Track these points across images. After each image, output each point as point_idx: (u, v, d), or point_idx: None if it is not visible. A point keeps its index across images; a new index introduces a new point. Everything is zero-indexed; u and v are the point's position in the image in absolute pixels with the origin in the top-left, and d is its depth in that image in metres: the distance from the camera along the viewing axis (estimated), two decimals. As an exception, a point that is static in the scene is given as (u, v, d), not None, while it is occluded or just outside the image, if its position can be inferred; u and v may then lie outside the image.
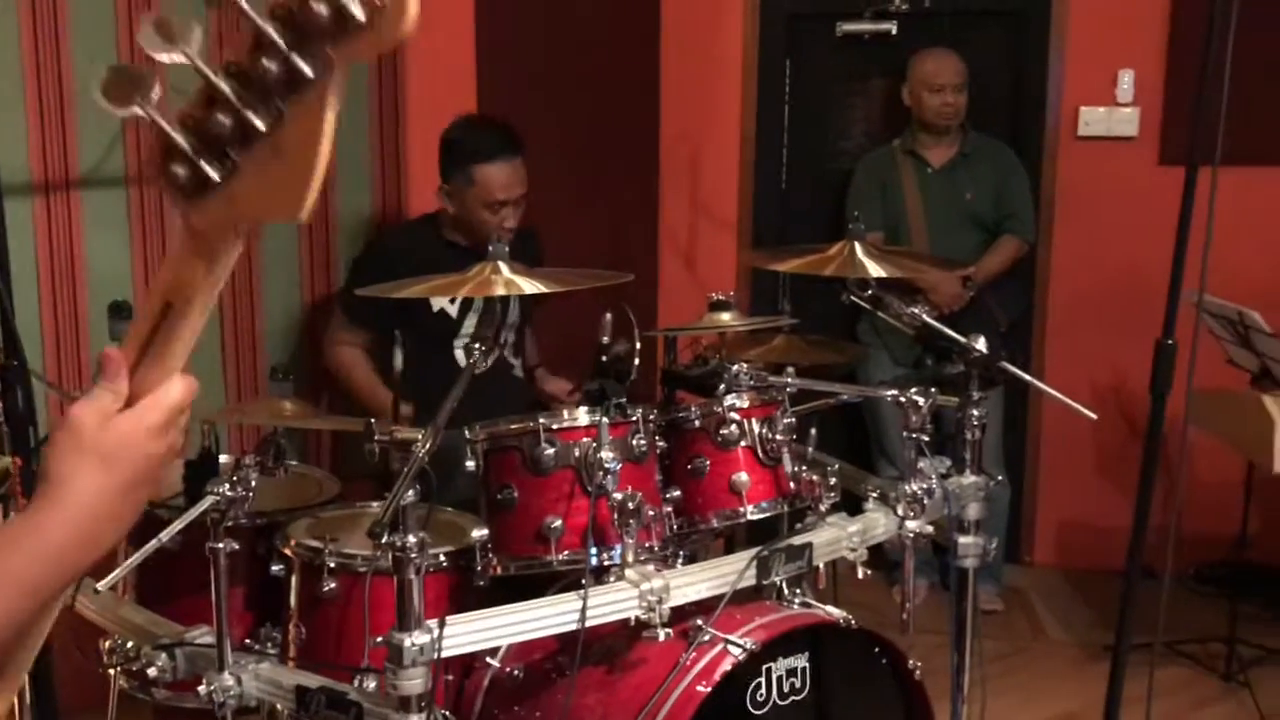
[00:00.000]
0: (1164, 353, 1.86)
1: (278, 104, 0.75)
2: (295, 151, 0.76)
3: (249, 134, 0.76)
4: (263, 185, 0.77)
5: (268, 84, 0.75)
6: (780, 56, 4.27)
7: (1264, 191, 4.03)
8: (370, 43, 0.73)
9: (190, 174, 0.78)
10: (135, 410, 0.87)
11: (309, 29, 0.73)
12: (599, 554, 1.96)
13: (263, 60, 0.74)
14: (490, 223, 2.86)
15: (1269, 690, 3.33)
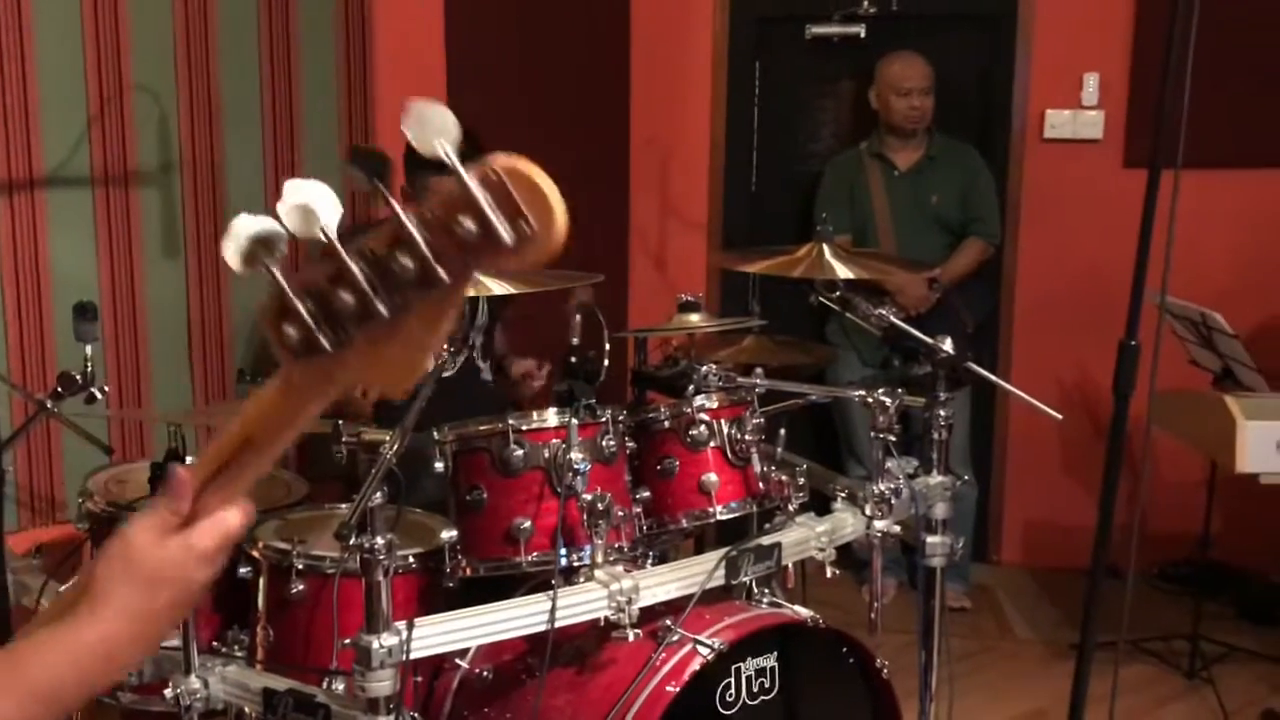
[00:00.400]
0: (1126, 354, 1.88)
1: (406, 297, 0.76)
2: (412, 338, 0.77)
3: (370, 315, 0.77)
4: (372, 360, 0.78)
5: (400, 279, 0.76)
6: (749, 59, 4.28)
7: (1227, 194, 4.09)
8: (513, 262, 0.74)
9: (302, 338, 0.79)
10: (190, 534, 0.86)
11: (454, 240, 0.74)
12: (568, 555, 1.96)
13: (401, 258, 0.75)
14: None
15: (1231, 687, 3.37)
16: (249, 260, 0.80)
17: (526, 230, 0.73)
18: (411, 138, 0.77)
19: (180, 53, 2.96)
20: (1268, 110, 4.05)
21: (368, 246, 0.77)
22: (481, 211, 0.73)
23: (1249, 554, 4.14)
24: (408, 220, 0.75)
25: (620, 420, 2.09)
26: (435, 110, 0.77)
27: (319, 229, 0.78)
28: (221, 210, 3.14)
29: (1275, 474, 2.58)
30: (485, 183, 0.74)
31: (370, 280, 0.76)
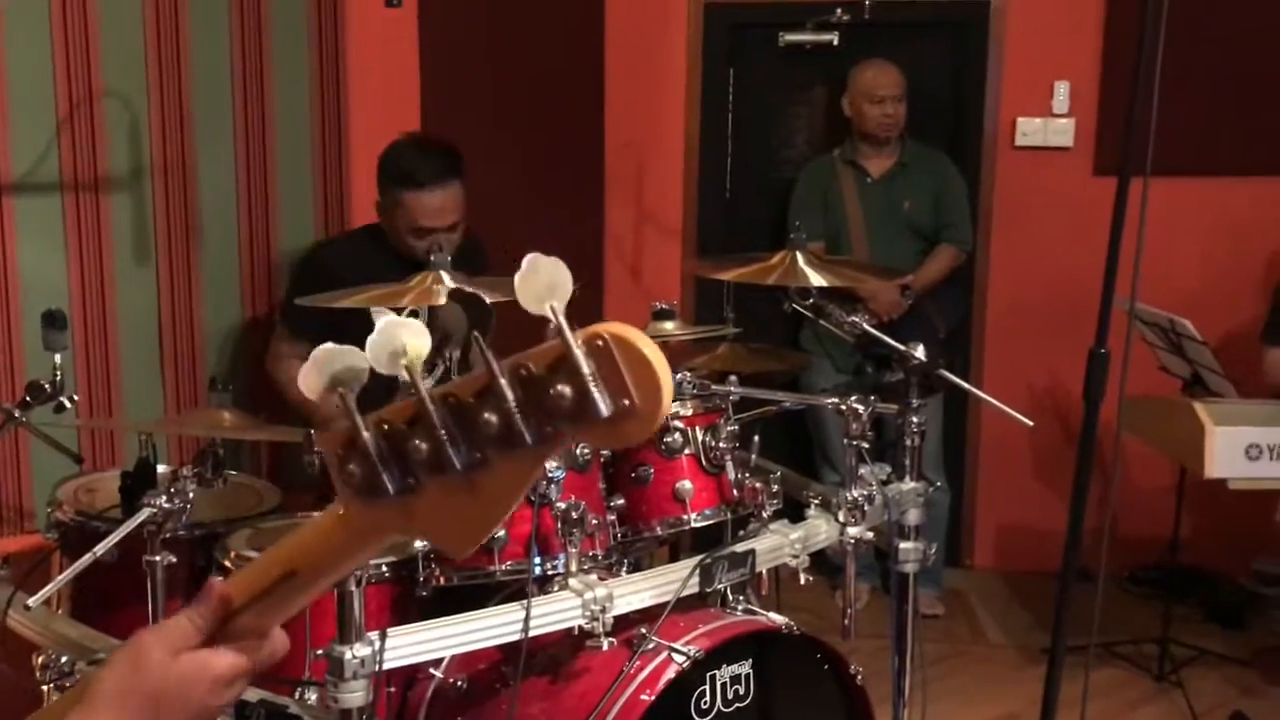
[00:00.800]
0: (1096, 361, 1.90)
1: (485, 453, 0.72)
2: (487, 497, 0.73)
3: (442, 466, 0.72)
4: (440, 512, 0.74)
5: (481, 434, 0.71)
6: (724, 66, 4.30)
7: (1196, 201, 4.13)
8: (608, 437, 0.70)
9: (366, 476, 0.74)
10: (208, 654, 0.79)
11: (547, 403, 0.70)
12: (542, 563, 1.95)
13: (485, 412, 0.71)
14: (416, 248, 2.77)
15: (1200, 689, 3.40)
16: (329, 390, 0.76)
17: (626, 405, 0.69)
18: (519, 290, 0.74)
19: (151, 57, 2.94)
20: (1236, 118, 4.10)
21: (453, 393, 0.72)
22: (582, 380, 0.69)
23: (1217, 558, 4.18)
24: (500, 375, 0.71)
25: (594, 428, 2.08)
26: (549, 264, 0.74)
27: (403, 367, 0.74)
28: (193, 216, 3.11)
29: (1243, 479, 2.61)
30: (591, 349, 0.70)
31: (449, 429, 0.72)
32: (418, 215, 2.79)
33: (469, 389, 0.72)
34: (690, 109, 4.27)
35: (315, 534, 0.80)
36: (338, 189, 3.50)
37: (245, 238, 3.26)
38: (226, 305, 3.26)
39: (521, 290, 0.74)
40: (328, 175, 3.47)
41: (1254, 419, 2.62)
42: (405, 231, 2.82)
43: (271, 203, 3.32)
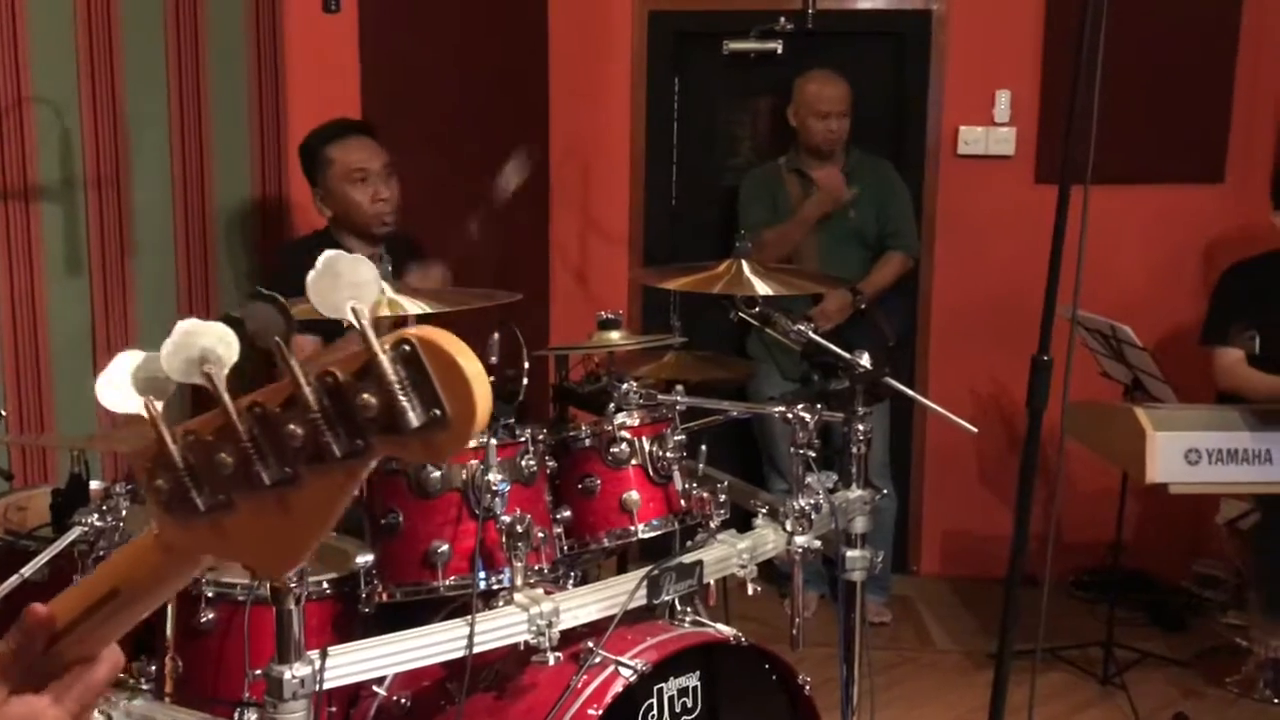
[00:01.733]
0: (1039, 368, 1.91)
1: (295, 468, 0.67)
2: (300, 516, 0.68)
3: (250, 481, 0.68)
4: (254, 532, 0.69)
5: (288, 446, 0.66)
6: (669, 74, 4.29)
7: (1136, 209, 4.19)
8: (421, 450, 0.65)
9: (174, 492, 0.70)
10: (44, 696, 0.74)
11: (352, 413, 0.65)
12: (488, 578, 1.93)
13: (291, 423, 0.66)
14: (363, 202, 2.85)
15: (1143, 692, 3.44)
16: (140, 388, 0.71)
17: (437, 416, 0.64)
18: (311, 292, 0.68)
19: (83, 64, 2.87)
20: (1172, 127, 4.17)
21: (260, 402, 0.67)
22: (389, 388, 0.64)
23: (1160, 561, 4.24)
24: (304, 383, 0.65)
25: (540, 440, 2.06)
26: (349, 263, 0.68)
27: (204, 376, 0.69)
28: (128, 226, 3.04)
29: (1184, 483, 2.64)
30: (399, 355, 0.64)
31: (256, 442, 0.67)
32: (350, 160, 2.86)
33: (276, 398, 0.67)
34: (635, 116, 4.26)
35: (135, 553, 0.76)
36: (277, 198, 3.44)
37: (182, 248, 3.19)
38: (163, 317, 3.19)
39: (315, 292, 0.68)
40: (266, 184, 3.41)
41: (1193, 424, 2.66)
42: (346, 188, 2.87)
43: (209, 212, 3.25)
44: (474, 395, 0.64)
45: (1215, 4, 4.15)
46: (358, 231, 2.91)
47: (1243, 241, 3.71)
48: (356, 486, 0.68)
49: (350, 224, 2.91)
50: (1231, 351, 3.05)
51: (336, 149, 2.89)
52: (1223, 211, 4.15)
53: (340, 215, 2.91)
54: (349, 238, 2.93)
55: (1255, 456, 2.64)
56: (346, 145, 2.89)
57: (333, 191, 2.90)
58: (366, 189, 2.86)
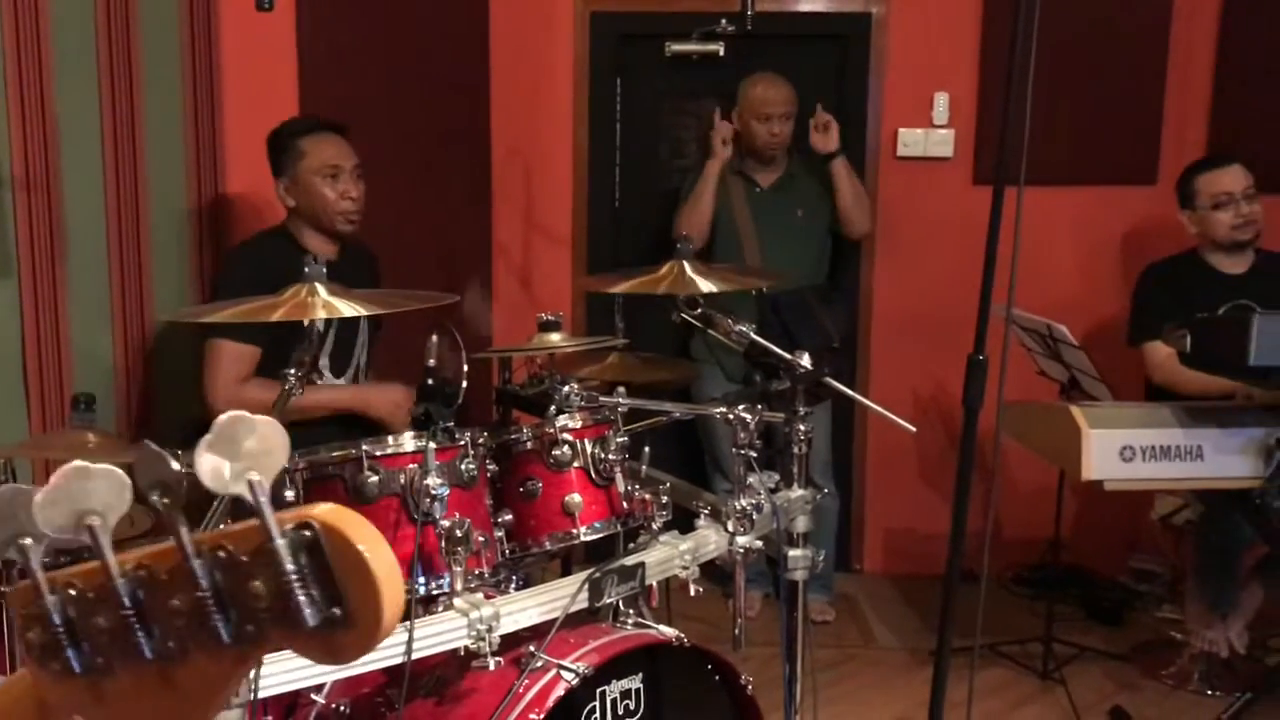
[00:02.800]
0: (974, 368, 1.93)
1: (181, 644, 0.60)
2: (184, 694, 0.61)
3: (129, 651, 0.61)
4: (133, 702, 0.62)
5: (171, 621, 0.60)
6: (611, 75, 4.29)
7: (1071, 210, 4.26)
8: (319, 650, 0.59)
9: (47, 646, 0.63)
10: None
11: (244, 597, 0.59)
12: (427, 583, 1.91)
13: (176, 596, 0.60)
14: (331, 198, 2.83)
15: (1081, 685, 3.50)
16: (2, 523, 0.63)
17: (336, 615, 0.57)
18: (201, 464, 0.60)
19: (10, 61, 2.80)
20: (1107, 129, 4.24)
21: (146, 565, 0.60)
22: (283, 578, 0.57)
23: (1097, 557, 4.31)
24: (192, 555, 0.59)
25: (480, 443, 2.05)
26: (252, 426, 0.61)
27: (86, 531, 0.61)
28: (59, 227, 2.97)
29: (1118, 480, 2.68)
30: (298, 541, 0.58)
31: (139, 609, 0.60)
32: (324, 155, 2.84)
33: (164, 563, 0.60)
34: (578, 118, 4.25)
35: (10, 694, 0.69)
36: (213, 199, 3.39)
37: (115, 249, 3.12)
38: (96, 321, 3.12)
39: (206, 461, 0.60)
40: (202, 186, 3.36)
41: (1127, 422, 2.70)
42: (317, 181, 2.83)
43: (143, 214, 3.19)
44: (381, 595, 0.57)
45: (1147, 8, 4.23)
46: (319, 227, 2.88)
47: (1177, 242, 3.78)
48: (249, 670, 0.62)
49: (313, 219, 2.87)
50: (1163, 347, 3.11)
51: (311, 142, 2.87)
52: (1156, 212, 4.22)
53: (304, 209, 2.88)
54: (308, 233, 2.89)
55: (1187, 453, 2.69)
56: (322, 140, 2.87)
57: (301, 184, 2.86)
58: (336, 186, 2.85)
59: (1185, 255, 3.48)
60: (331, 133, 2.90)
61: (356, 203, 2.87)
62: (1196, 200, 3.38)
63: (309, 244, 2.87)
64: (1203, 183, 3.38)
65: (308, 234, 2.88)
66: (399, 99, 3.69)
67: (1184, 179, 3.45)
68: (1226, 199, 3.32)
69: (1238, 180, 3.33)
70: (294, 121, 2.96)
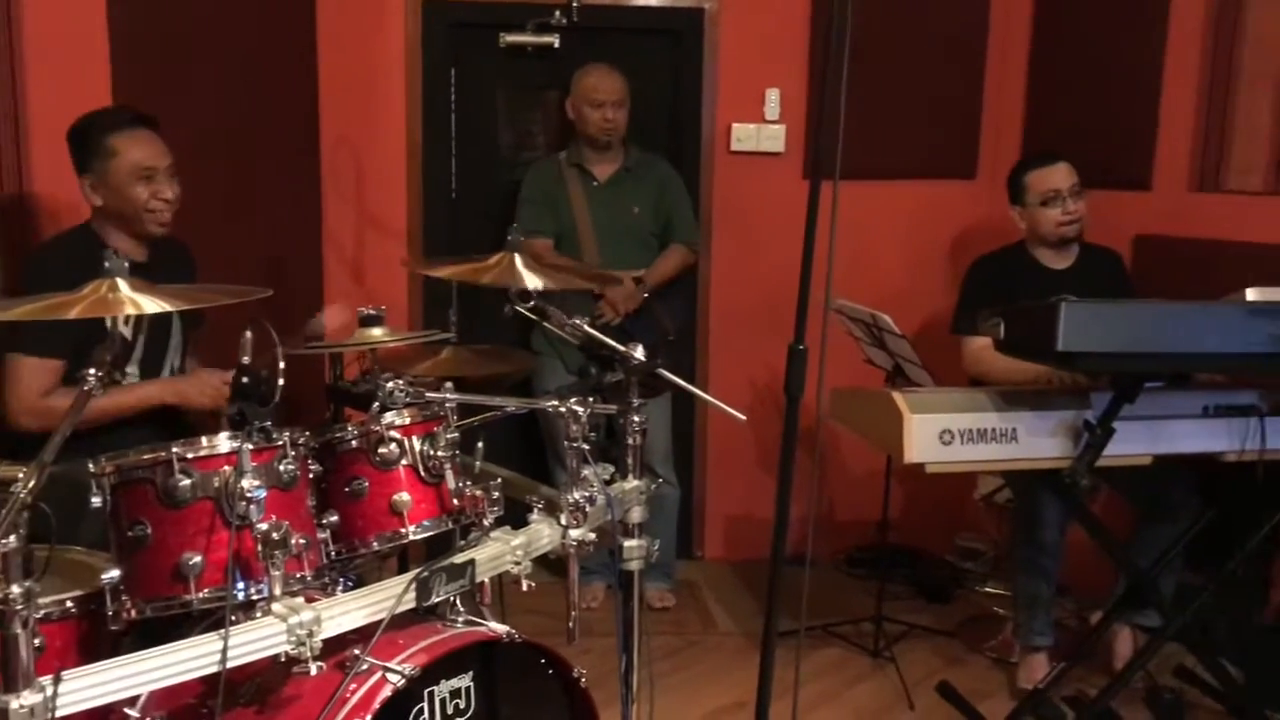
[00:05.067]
0: (795, 357, 1.98)
1: None
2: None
3: None
4: None
5: None
6: (445, 64, 4.23)
7: (896, 203, 4.41)
8: None
9: None
10: None
11: None
12: (246, 589, 1.84)
13: None
14: (142, 198, 2.69)
15: (911, 662, 3.63)
16: None
17: None
18: None
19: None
20: (928, 125, 4.39)
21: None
22: None
23: (925, 537, 4.48)
24: None
25: (301, 442, 1.99)
26: None
27: None
28: None
29: (938, 463, 2.78)
30: None
31: None
32: (137, 154, 2.69)
33: None
34: (411, 107, 4.17)
35: None
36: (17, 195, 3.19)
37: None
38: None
39: None
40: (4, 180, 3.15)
41: (946, 406, 2.80)
42: (128, 180, 2.69)
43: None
44: None
45: (966, 11, 4.40)
46: (128, 229, 2.73)
47: (993, 234, 3.95)
48: None
49: (121, 220, 2.72)
50: (978, 339, 3.23)
51: (122, 140, 2.70)
52: (975, 205, 4.41)
53: (112, 209, 2.72)
54: (116, 234, 2.74)
55: (1002, 435, 2.81)
56: (134, 139, 2.71)
57: (110, 184, 2.70)
58: (149, 187, 2.70)
59: (1012, 249, 3.61)
60: (144, 129, 2.75)
61: (170, 204, 2.73)
62: (1026, 196, 3.51)
63: (115, 245, 2.71)
64: (1032, 180, 3.50)
65: (114, 234, 2.74)
66: (220, 86, 3.55)
67: (1014, 176, 3.57)
68: (1054, 196, 3.45)
69: (1065, 178, 3.47)
70: (101, 115, 2.78)
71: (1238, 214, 3.72)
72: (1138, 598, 3.16)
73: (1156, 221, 3.93)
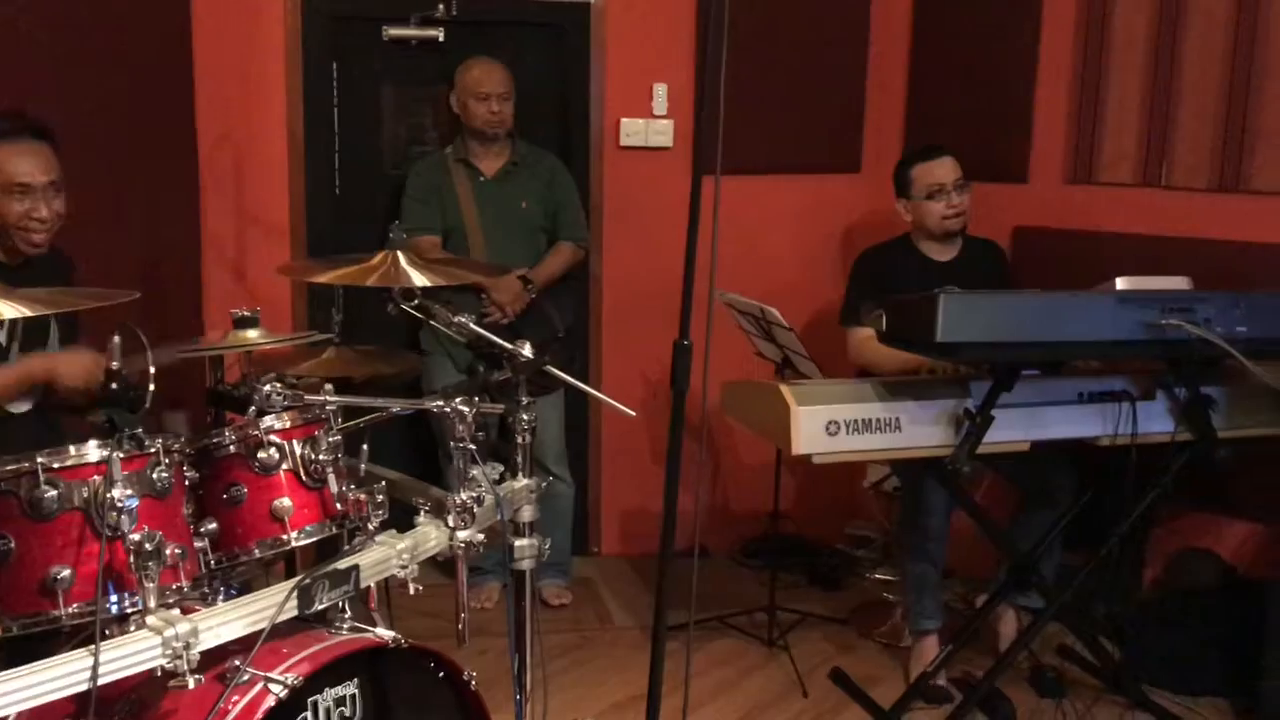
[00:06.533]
0: (680, 352, 1.99)
1: None
2: None
3: None
4: None
5: None
6: (326, 58, 4.14)
7: (783, 198, 4.45)
8: None
9: None
10: None
11: None
12: (119, 602, 1.78)
13: None
14: (13, 215, 2.51)
15: (804, 650, 3.68)
16: None
17: None
18: None
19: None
20: (813, 120, 4.45)
21: None
22: None
23: (816, 526, 4.54)
24: None
25: (175, 449, 1.93)
26: None
27: None
28: None
29: (825, 453, 2.82)
30: None
31: None
32: (10, 170, 2.50)
33: None
34: (292, 102, 4.07)
35: None
36: None
37: None
38: None
39: None
40: None
41: (831, 398, 2.84)
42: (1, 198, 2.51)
43: None
44: None
45: (847, 7, 4.47)
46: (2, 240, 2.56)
47: (878, 227, 4.02)
48: None
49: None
50: (863, 330, 3.29)
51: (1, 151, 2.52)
52: (861, 199, 4.48)
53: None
54: None
55: (887, 425, 2.86)
56: (15, 151, 2.53)
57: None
58: (23, 203, 2.51)
59: (898, 242, 3.67)
60: (29, 140, 2.55)
61: (46, 224, 2.54)
62: (911, 190, 3.57)
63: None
64: (917, 173, 3.56)
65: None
66: (87, 84, 3.41)
67: (899, 169, 3.63)
68: (939, 189, 3.52)
69: (950, 171, 3.54)
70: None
71: (1110, 205, 3.86)
72: (1020, 580, 3.25)
73: (1034, 213, 4.05)
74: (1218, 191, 3.62)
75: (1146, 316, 2.76)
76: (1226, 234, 3.57)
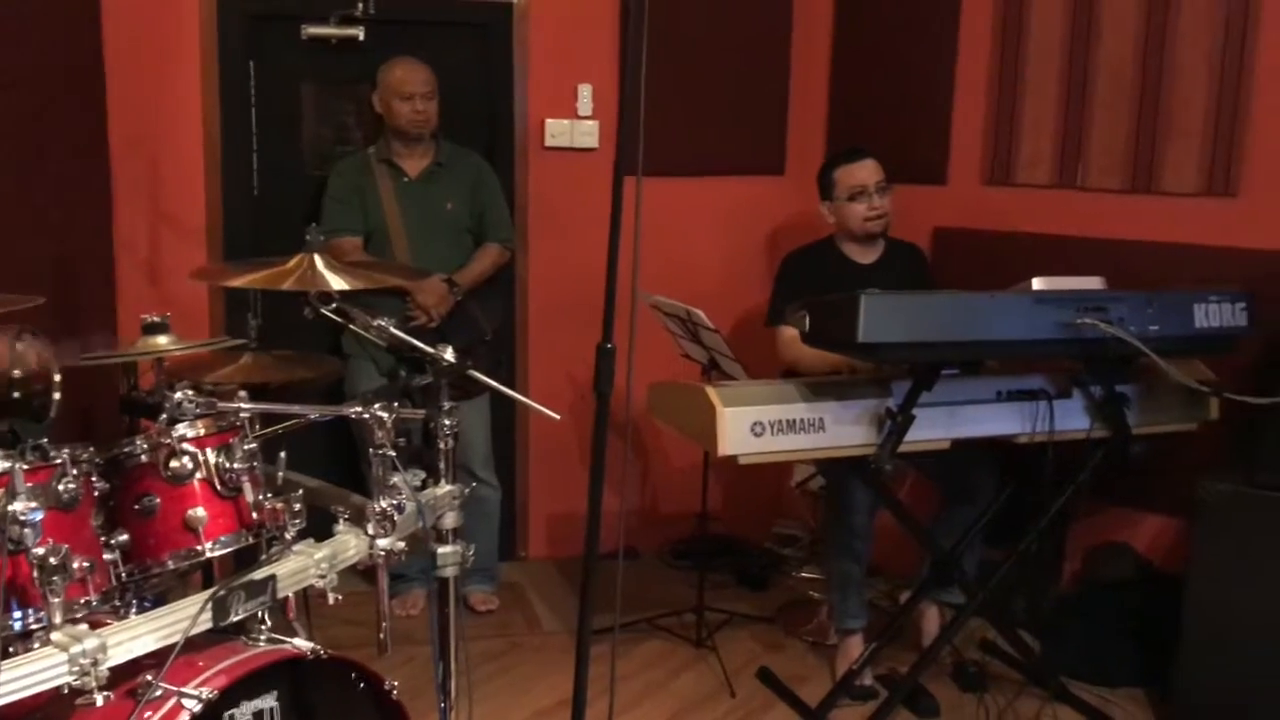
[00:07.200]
0: (603, 355, 1.98)
1: None
2: None
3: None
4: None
5: None
6: (243, 57, 4.05)
7: (708, 200, 4.47)
8: None
9: None
10: None
11: None
12: (22, 618, 1.72)
13: None
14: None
15: (732, 650, 3.69)
16: None
17: None
18: None
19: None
20: (739, 123, 4.47)
21: None
22: None
23: (744, 526, 4.57)
24: None
25: (83, 459, 1.87)
26: None
27: None
28: None
29: (750, 454, 2.83)
30: None
31: None
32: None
33: None
34: (208, 102, 3.98)
35: None
36: None
37: None
38: None
39: None
40: None
41: (756, 399, 2.85)
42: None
43: None
44: None
45: (769, 11, 4.50)
46: None
47: (802, 229, 4.05)
48: None
49: None
50: (788, 330, 3.31)
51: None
52: (784, 201, 4.51)
53: None
54: None
55: (811, 425, 2.88)
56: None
57: None
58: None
59: (822, 244, 3.70)
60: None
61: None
62: (834, 192, 3.60)
63: None
64: (840, 175, 3.59)
65: None
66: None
67: (823, 171, 3.66)
68: (861, 191, 3.55)
69: (872, 174, 3.57)
70: None
71: (1026, 206, 3.93)
72: (942, 577, 3.29)
73: (953, 214, 4.11)
74: (1130, 193, 3.70)
75: (1062, 316, 2.81)
76: (1139, 234, 3.66)
